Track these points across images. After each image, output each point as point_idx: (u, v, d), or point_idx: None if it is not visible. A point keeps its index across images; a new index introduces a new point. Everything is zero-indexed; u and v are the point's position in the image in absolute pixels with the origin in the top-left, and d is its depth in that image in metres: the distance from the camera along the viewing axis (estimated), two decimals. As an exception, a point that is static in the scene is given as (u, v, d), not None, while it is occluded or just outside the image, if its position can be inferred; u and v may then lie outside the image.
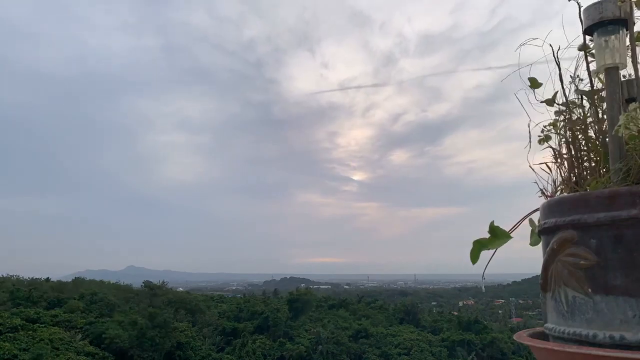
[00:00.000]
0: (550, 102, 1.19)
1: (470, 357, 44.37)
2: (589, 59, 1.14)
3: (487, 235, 1.11)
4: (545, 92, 1.22)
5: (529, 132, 1.22)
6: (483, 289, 1.38)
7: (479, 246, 1.11)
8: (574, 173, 1.11)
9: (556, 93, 1.18)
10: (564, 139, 1.15)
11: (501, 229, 1.10)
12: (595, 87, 1.16)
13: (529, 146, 1.21)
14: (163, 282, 53.42)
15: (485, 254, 1.12)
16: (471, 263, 1.11)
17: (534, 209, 1.12)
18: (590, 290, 0.89)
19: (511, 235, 1.11)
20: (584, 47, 1.14)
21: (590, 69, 1.15)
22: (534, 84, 1.20)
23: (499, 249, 1.11)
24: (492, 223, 1.10)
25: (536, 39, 1.15)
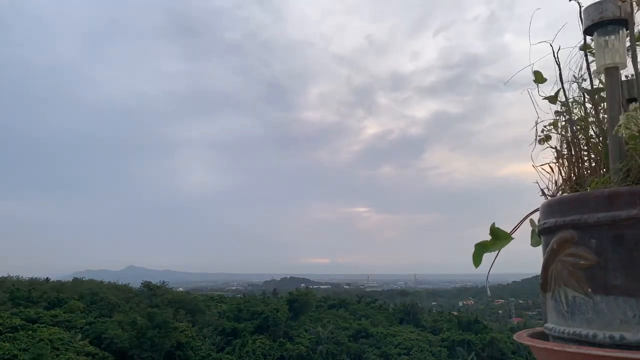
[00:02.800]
0: (552, 99, 1.19)
1: (470, 357, 44.37)
2: (590, 58, 1.15)
3: (486, 238, 1.11)
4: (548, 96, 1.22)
5: (536, 130, 1.22)
6: (489, 292, 1.37)
7: (480, 249, 1.10)
8: (575, 173, 1.11)
9: (559, 91, 1.18)
10: (564, 139, 1.15)
11: (502, 230, 1.10)
12: (596, 87, 1.16)
13: (534, 144, 1.21)
14: (163, 282, 53.50)
15: (487, 258, 1.12)
16: (474, 266, 1.11)
17: (534, 209, 1.11)
18: (590, 290, 0.89)
19: (512, 236, 1.11)
20: (584, 47, 1.14)
21: (591, 69, 1.15)
22: (539, 78, 1.20)
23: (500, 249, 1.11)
24: (492, 225, 1.09)
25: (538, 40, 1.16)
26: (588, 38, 1.12)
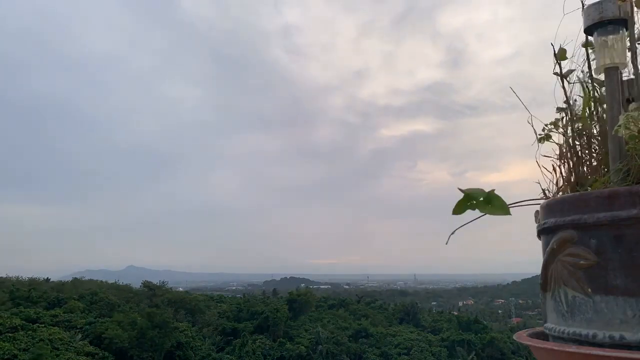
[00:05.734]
0: (567, 74, 1.16)
1: (470, 357, 44.37)
2: (591, 57, 1.14)
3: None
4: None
5: (533, 129, 1.22)
6: (447, 242, 1.03)
7: (466, 200, 0.94)
8: (575, 173, 1.11)
9: (573, 70, 1.16)
10: (565, 138, 1.15)
11: (501, 199, 0.94)
12: (596, 87, 1.16)
13: (537, 145, 1.21)
14: (163, 282, 53.48)
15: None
16: (452, 213, 0.94)
17: (536, 197, 1.11)
18: (590, 290, 0.89)
19: (510, 212, 0.95)
20: (586, 45, 1.14)
21: (592, 68, 1.15)
22: (562, 55, 1.15)
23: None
24: (492, 191, 0.94)
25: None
26: (588, 38, 1.12)
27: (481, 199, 0.93)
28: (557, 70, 1.18)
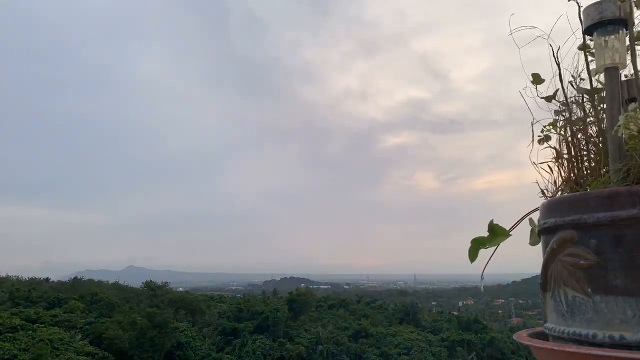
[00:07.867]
0: (549, 98, 1.19)
1: (470, 357, 44.38)
2: (589, 58, 1.14)
3: (486, 234, 1.10)
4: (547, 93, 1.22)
5: (532, 131, 1.22)
6: (482, 289, 1.36)
7: (476, 244, 1.09)
8: (574, 173, 1.11)
9: (557, 90, 1.18)
10: (564, 139, 1.15)
11: (500, 226, 1.08)
12: (595, 87, 1.16)
13: (531, 145, 1.21)
14: (164, 282, 53.47)
15: (485, 255, 1.11)
16: (469, 262, 1.09)
17: (534, 208, 1.11)
18: (590, 290, 0.89)
19: (510, 233, 1.10)
20: (583, 47, 1.14)
21: (590, 69, 1.15)
22: (537, 80, 1.19)
23: (499, 250, 1.10)
24: (491, 222, 1.08)
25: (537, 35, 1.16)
26: (587, 38, 1.12)
27: (486, 236, 1.08)
28: (557, 75, 1.18)
